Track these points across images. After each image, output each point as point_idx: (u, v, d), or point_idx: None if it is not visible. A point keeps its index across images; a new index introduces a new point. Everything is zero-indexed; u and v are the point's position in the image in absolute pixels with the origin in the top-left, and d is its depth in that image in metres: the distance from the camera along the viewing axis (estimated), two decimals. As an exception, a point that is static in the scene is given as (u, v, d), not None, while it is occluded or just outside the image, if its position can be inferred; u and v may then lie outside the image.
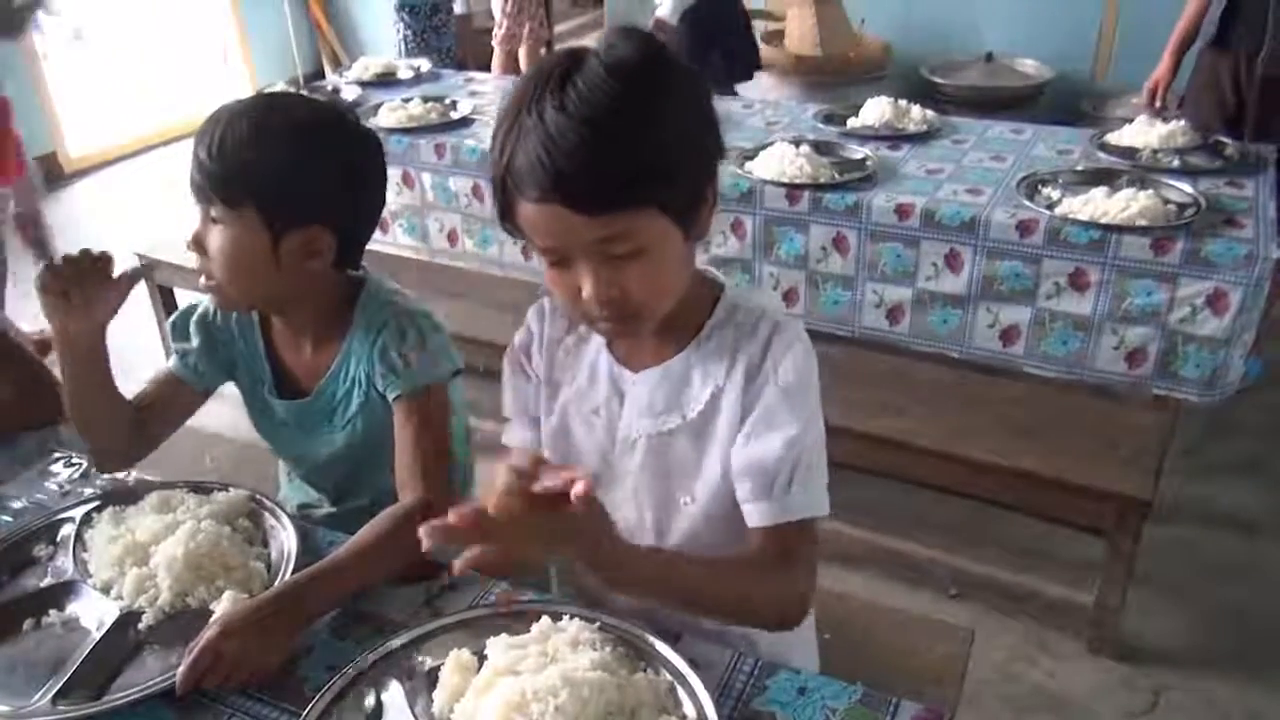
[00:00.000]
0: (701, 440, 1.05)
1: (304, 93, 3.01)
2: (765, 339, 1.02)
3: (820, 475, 1.03)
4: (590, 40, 1.04)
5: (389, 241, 3.00)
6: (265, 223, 1.17)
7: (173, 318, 1.39)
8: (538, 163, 0.86)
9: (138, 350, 1.30)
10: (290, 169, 1.16)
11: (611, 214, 0.87)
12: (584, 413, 1.11)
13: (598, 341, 1.10)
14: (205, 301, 1.35)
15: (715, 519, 1.07)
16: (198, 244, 1.22)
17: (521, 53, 4.83)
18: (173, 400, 1.36)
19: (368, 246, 1.31)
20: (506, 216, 0.94)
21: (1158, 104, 3.12)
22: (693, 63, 0.96)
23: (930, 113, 2.81)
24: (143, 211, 4.11)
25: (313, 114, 1.22)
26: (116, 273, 1.20)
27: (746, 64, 3.92)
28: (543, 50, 4.80)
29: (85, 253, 1.18)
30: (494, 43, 4.81)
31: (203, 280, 1.25)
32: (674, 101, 0.89)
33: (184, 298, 2.35)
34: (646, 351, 1.07)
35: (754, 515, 1.02)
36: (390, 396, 1.27)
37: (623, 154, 0.86)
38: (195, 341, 1.35)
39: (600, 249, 0.90)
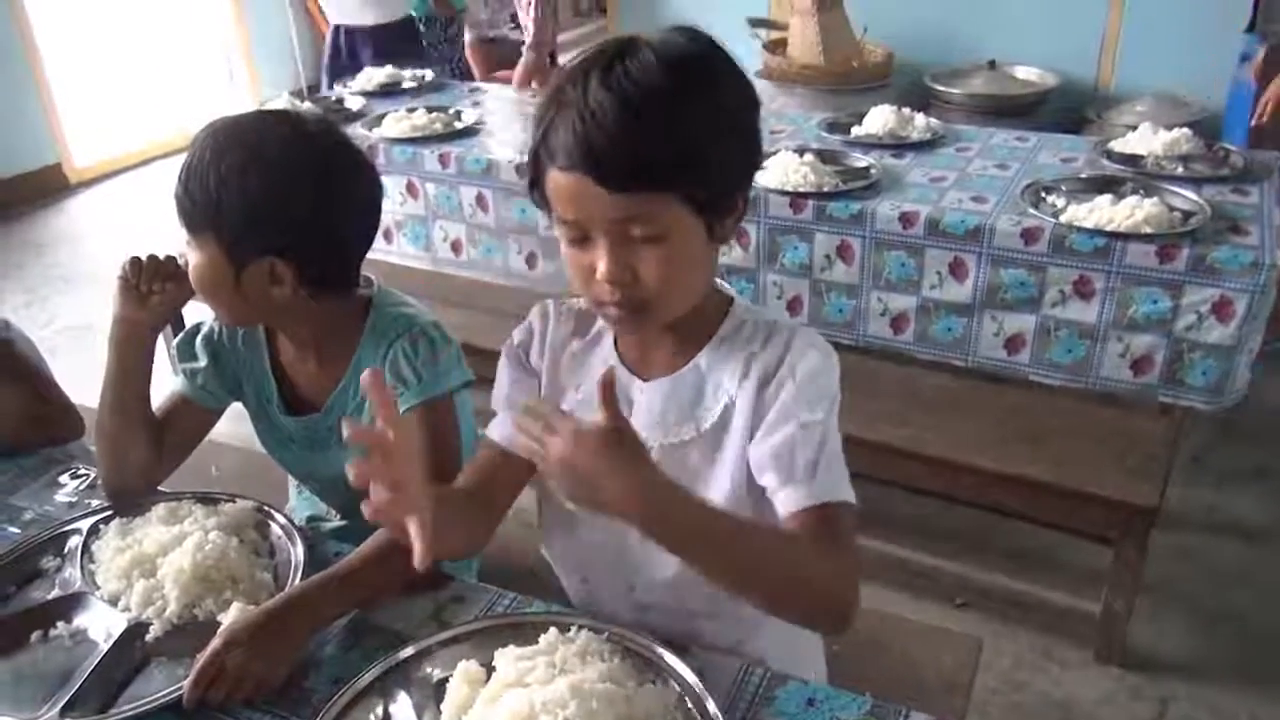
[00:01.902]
0: (714, 451, 1.04)
1: (302, 107, 3.01)
2: (781, 348, 1.01)
3: (843, 467, 1.00)
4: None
5: (394, 251, 3.00)
6: (225, 252, 1.17)
7: (178, 338, 1.39)
8: (572, 131, 0.87)
9: (155, 365, 1.31)
10: (248, 204, 1.14)
11: (635, 193, 0.88)
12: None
13: (606, 348, 1.09)
14: (209, 320, 1.35)
15: None
16: (184, 261, 1.25)
17: (522, 61, 4.81)
18: (185, 420, 1.35)
19: (371, 256, 1.31)
20: (536, 186, 0.95)
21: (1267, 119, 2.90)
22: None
23: (934, 120, 2.81)
24: (148, 224, 4.11)
25: (288, 143, 1.16)
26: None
27: None
28: (547, 60, 4.77)
29: (170, 257, 1.28)
30: (524, 49, 4.79)
31: None
32: (718, 101, 0.91)
33: (188, 312, 2.35)
34: (656, 360, 1.06)
35: (784, 502, 0.97)
36: (401, 409, 1.26)
37: (656, 136, 0.87)
38: (203, 360, 1.35)
39: (620, 228, 0.90)
